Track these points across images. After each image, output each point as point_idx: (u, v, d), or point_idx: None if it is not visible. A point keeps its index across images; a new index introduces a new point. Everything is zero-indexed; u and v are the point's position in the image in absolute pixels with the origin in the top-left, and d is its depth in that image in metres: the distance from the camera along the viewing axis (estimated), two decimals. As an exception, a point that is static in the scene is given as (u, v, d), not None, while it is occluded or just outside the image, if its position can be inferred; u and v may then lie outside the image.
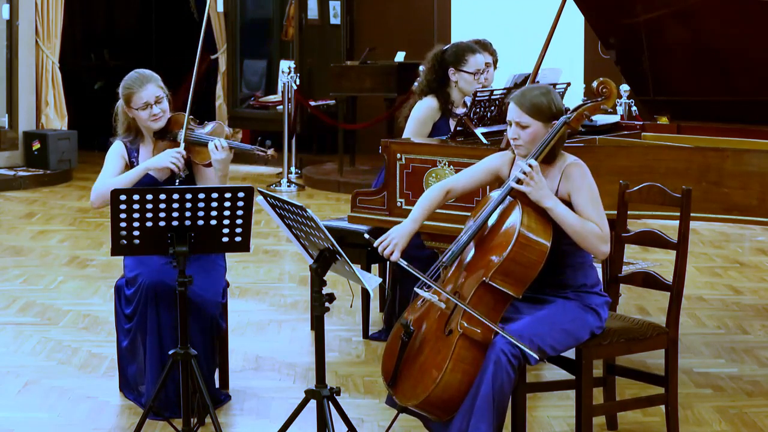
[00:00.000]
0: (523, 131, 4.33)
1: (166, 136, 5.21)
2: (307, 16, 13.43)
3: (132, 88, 5.15)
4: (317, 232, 4.16)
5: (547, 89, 4.38)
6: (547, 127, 4.31)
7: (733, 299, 7.10)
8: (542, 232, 4.21)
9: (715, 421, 5.01)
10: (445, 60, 6.19)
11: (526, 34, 7.54)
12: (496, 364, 4.10)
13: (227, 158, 5.05)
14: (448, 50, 6.23)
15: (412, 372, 4.27)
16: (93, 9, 16.50)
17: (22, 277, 7.66)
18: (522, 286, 4.21)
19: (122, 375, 5.27)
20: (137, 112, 5.16)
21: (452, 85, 6.18)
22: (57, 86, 12.45)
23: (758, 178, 5.25)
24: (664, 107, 6.42)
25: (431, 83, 6.19)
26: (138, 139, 5.27)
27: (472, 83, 6.14)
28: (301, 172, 12.16)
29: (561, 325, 4.27)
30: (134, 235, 4.37)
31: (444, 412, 4.20)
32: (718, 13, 5.87)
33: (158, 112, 5.15)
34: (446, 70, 6.17)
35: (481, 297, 4.20)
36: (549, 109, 4.31)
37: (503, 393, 4.12)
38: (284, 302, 7.05)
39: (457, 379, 4.15)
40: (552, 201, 4.24)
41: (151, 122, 5.16)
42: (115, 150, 5.25)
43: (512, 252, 4.16)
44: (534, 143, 4.32)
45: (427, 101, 6.16)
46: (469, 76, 6.14)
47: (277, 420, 4.66)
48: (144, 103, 5.13)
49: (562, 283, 4.37)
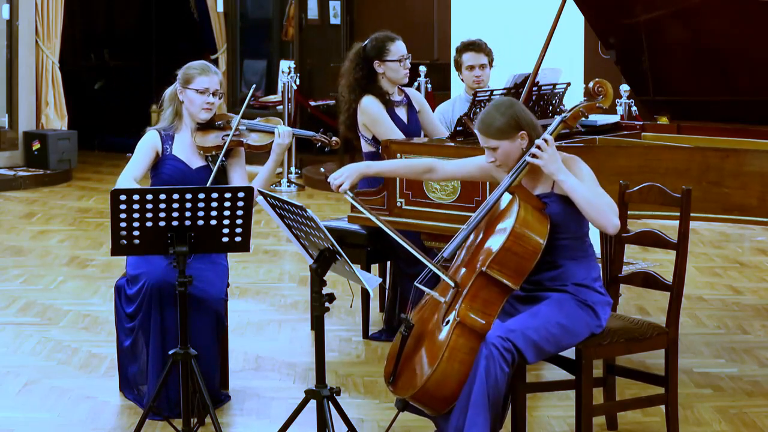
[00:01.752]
0: (495, 153, 4.40)
1: (214, 125, 5.26)
2: (307, 16, 13.43)
3: (198, 70, 5.23)
4: (317, 232, 4.16)
5: (506, 104, 4.41)
6: (514, 141, 4.34)
7: (733, 299, 7.10)
8: (538, 224, 4.26)
9: (715, 421, 5.01)
10: (367, 55, 6.23)
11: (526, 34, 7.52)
12: (487, 358, 4.13)
13: (288, 145, 5.21)
14: (367, 45, 6.28)
15: (410, 364, 4.29)
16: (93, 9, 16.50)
17: (22, 277, 7.66)
18: (519, 276, 4.24)
19: (122, 375, 5.27)
20: (193, 94, 5.19)
21: (380, 77, 6.22)
22: (57, 86, 12.45)
23: (758, 178, 5.25)
24: (664, 107, 6.42)
25: (360, 81, 6.24)
26: (174, 127, 5.28)
27: (398, 70, 6.22)
28: (301, 172, 12.16)
29: (556, 319, 4.28)
30: (134, 235, 4.37)
31: (441, 403, 4.20)
32: (718, 13, 5.88)
33: (213, 102, 5.20)
34: (371, 64, 6.21)
35: (480, 288, 4.23)
36: (510, 125, 4.34)
37: (498, 388, 4.13)
38: (284, 302, 7.05)
39: (454, 368, 4.16)
40: (564, 174, 4.27)
41: (203, 110, 5.20)
42: (148, 141, 5.25)
43: (508, 241, 4.21)
44: (510, 157, 4.37)
45: (367, 100, 6.20)
46: (394, 63, 6.21)
47: (277, 420, 4.66)
48: (204, 87, 5.18)
49: (562, 276, 4.38)
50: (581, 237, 4.40)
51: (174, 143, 5.25)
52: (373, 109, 6.17)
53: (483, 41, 6.66)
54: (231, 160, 5.28)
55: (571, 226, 4.36)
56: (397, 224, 5.66)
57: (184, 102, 5.24)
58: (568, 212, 4.32)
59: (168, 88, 5.31)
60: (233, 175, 5.27)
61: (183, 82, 5.23)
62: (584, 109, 4.43)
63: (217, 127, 5.26)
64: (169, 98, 5.30)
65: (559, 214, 4.32)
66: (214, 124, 5.26)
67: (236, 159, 5.29)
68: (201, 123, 5.23)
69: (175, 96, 5.27)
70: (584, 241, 4.42)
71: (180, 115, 5.27)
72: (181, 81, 5.24)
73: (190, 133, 5.25)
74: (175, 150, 5.23)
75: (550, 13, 5.77)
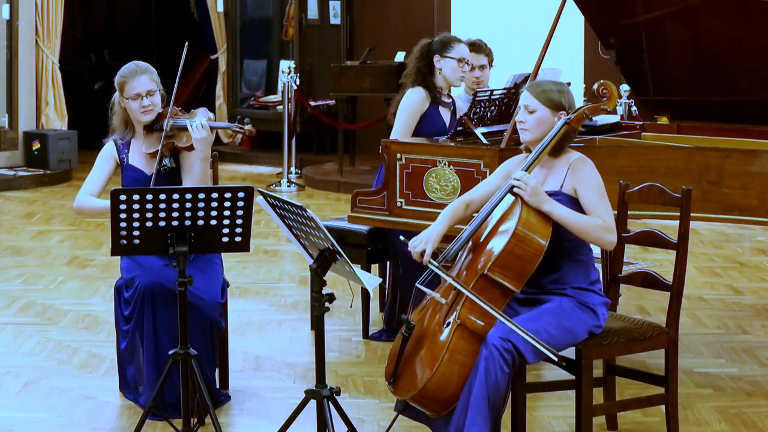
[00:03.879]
0: (530, 115, 4.42)
1: (154, 128, 5.22)
2: (307, 16, 13.43)
3: (126, 77, 5.18)
4: (317, 232, 4.16)
5: (562, 84, 4.51)
6: (553, 116, 4.38)
7: (733, 299, 7.10)
8: (541, 226, 4.25)
9: (715, 421, 5.01)
10: (432, 48, 6.27)
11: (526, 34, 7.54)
12: (487, 359, 4.12)
13: (208, 139, 5.05)
14: (435, 40, 6.34)
15: (411, 365, 4.29)
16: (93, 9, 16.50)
17: (22, 277, 7.66)
18: (520, 279, 4.23)
19: (122, 375, 5.27)
20: (128, 102, 5.18)
21: (437, 72, 6.24)
22: (57, 86, 12.45)
23: (758, 178, 5.25)
24: (664, 107, 6.42)
25: (419, 71, 6.25)
26: (129, 134, 5.28)
27: (456, 70, 6.23)
28: (301, 172, 12.16)
29: (557, 320, 4.28)
30: (134, 235, 4.37)
31: (441, 405, 4.20)
32: (718, 13, 5.88)
33: (148, 104, 5.16)
34: (432, 58, 6.23)
35: (481, 290, 4.22)
36: (559, 99, 4.41)
37: (498, 388, 4.13)
38: (284, 302, 7.05)
39: (454, 370, 4.16)
40: (550, 204, 4.28)
41: (141, 114, 5.17)
42: (106, 153, 5.28)
43: (510, 244, 4.20)
44: (539, 128, 4.40)
45: (416, 91, 6.21)
46: (453, 62, 6.22)
47: (277, 420, 4.66)
48: (135, 93, 5.14)
49: (562, 280, 4.38)
50: (583, 240, 4.40)
51: (130, 151, 5.26)
52: (413, 100, 6.19)
53: (483, 41, 6.67)
54: (182, 161, 5.23)
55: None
56: (398, 224, 5.67)
57: (126, 109, 5.23)
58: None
59: (114, 95, 5.25)
60: (184, 177, 5.20)
61: (118, 90, 5.20)
62: (588, 111, 4.42)
63: (159, 129, 5.19)
64: (117, 105, 5.27)
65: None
66: (156, 126, 5.20)
67: (185, 159, 5.23)
68: (148, 125, 5.22)
69: (119, 104, 5.26)
70: (585, 245, 4.42)
71: (129, 121, 5.27)
72: (118, 89, 5.21)
73: (142, 138, 5.25)
74: (131, 159, 5.24)
75: (550, 13, 5.77)
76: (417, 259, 4.39)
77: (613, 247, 4.36)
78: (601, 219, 4.29)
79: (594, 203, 4.32)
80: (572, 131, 4.41)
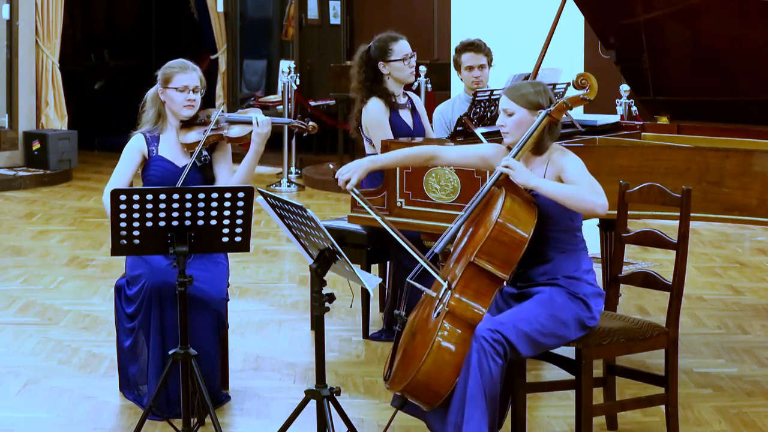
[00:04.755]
0: (509, 118, 4.43)
1: (197, 121, 5.26)
2: (307, 16, 13.44)
3: (175, 69, 5.23)
4: (317, 232, 4.16)
5: (539, 83, 4.52)
6: (532, 116, 4.39)
7: (733, 299, 7.10)
8: (524, 213, 4.27)
9: (715, 421, 5.01)
10: (371, 57, 6.24)
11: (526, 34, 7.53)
12: (479, 352, 4.13)
13: (267, 134, 5.23)
14: (371, 47, 6.28)
15: (404, 358, 4.31)
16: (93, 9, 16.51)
17: (22, 277, 7.66)
18: (508, 266, 4.25)
19: (123, 375, 5.27)
20: (173, 93, 5.19)
21: (385, 78, 6.21)
22: (57, 86, 12.46)
23: (758, 178, 5.25)
24: (664, 107, 6.42)
25: (365, 83, 6.24)
26: (159, 128, 5.29)
27: (404, 69, 6.22)
28: (301, 172, 12.17)
29: (547, 310, 4.29)
30: (134, 235, 4.37)
31: (433, 395, 4.20)
32: (718, 13, 5.88)
33: (194, 98, 5.21)
34: (376, 66, 6.21)
35: (470, 279, 4.24)
36: (536, 98, 4.41)
37: (493, 381, 4.14)
38: (284, 302, 7.05)
39: (444, 358, 4.17)
40: (536, 180, 4.29)
41: (184, 107, 5.21)
42: (134, 145, 5.27)
43: (494, 231, 4.22)
44: (519, 130, 4.41)
45: (372, 104, 6.19)
46: (399, 63, 6.20)
47: (277, 420, 4.66)
48: (184, 85, 5.19)
49: (552, 271, 4.39)
50: (572, 230, 4.41)
51: (160, 144, 5.26)
52: (374, 113, 6.17)
53: (482, 41, 6.66)
54: (216, 155, 5.30)
55: (563, 219, 4.35)
56: (398, 224, 5.65)
57: (165, 102, 5.25)
58: (560, 205, 4.31)
59: (149, 90, 5.32)
60: (218, 170, 5.29)
61: (163, 81, 5.24)
62: (569, 102, 4.44)
63: (199, 123, 5.27)
64: (152, 100, 5.31)
65: (552, 206, 4.32)
66: (196, 120, 5.28)
67: (221, 153, 5.31)
68: (184, 120, 5.25)
69: (156, 97, 5.28)
70: (575, 235, 4.42)
71: (164, 115, 5.29)
72: (161, 81, 5.25)
73: (175, 132, 5.26)
74: (162, 150, 5.25)
75: (550, 13, 5.77)
76: (342, 187, 4.49)
77: (605, 211, 4.28)
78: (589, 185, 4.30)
79: (579, 181, 4.31)
80: (554, 123, 4.41)
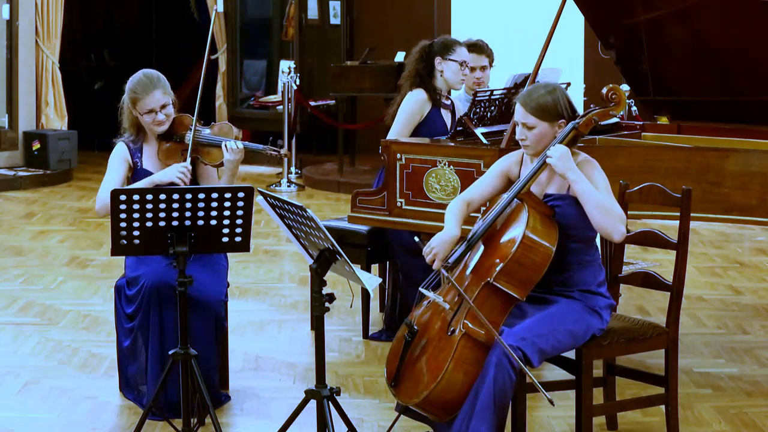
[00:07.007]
0: (530, 132, 4.35)
1: (172, 138, 5.21)
2: (307, 16, 13.42)
3: (138, 93, 5.14)
4: (317, 232, 4.16)
5: (553, 87, 4.40)
6: (553, 127, 4.33)
7: (733, 299, 7.10)
8: (547, 235, 4.21)
9: (715, 421, 5.01)
10: (433, 50, 6.24)
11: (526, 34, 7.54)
12: (497, 366, 4.10)
13: (239, 159, 5.08)
14: (434, 42, 6.29)
15: (414, 371, 4.28)
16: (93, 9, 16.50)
17: (22, 277, 7.66)
18: (526, 288, 4.21)
19: (122, 375, 5.27)
20: (141, 116, 5.17)
21: (437, 74, 6.22)
22: (57, 86, 12.45)
23: (758, 178, 5.26)
24: (664, 107, 6.42)
25: (418, 72, 6.22)
26: (141, 137, 5.27)
27: (457, 73, 6.20)
28: (301, 172, 12.16)
29: (564, 325, 4.27)
30: (134, 235, 4.37)
31: (444, 411, 4.20)
32: (718, 13, 5.88)
33: (162, 119, 5.16)
34: (433, 59, 6.21)
35: (486, 298, 4.20)
36: (555, 108, 4.33)
37: (505, 395, 4.12)
38: (284, 302, 7.05)
39: (458, 379, 4.15)
40: (576, 174, 4.23)
41: (155, 127, 5.17)
42: (118, 154, 5.25)
43: (517, 253, 4.17)
44: (541, 143, 4.34)
45: (416, 93, 6.19)
46: (455, 65, 6.19)
47: (277, 420, 4.66)
48: (149, 109, 5.14)
49: (569, 281, 4.37)
50: (590, 240, 4.38)
51: (143, 156, 5.25)
52: (413, 101, 6.16)
53: (485, 42, 6.66)
54: (199, 171, 5.26)
55: (583, 230, 4.32)
56: (398, 224, 5.67)
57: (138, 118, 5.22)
58: (582, 215, 4.27)
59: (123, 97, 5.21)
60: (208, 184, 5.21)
61: (130, 102, 5.18)
62: (597, 117, 4.37)
63: (175, 141, 5.20)
64: (127, 110, 5.24)
65: (573, 217, 4.29)
66: (173, 136, 5.21)
67: (204, 170, 5.26)
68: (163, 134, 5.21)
69: (129, 110, 5.23)
70: (592, 245, 4.40)
71: (142, 129, 5.25)
72: (129, 101, 5.18)
73: (156, 145, 5.24)
74: (146, 164, 5.23)
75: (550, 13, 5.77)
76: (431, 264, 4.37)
77: (621, 239, 4.27)
78: None
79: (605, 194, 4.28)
80: (580, 135, 4.38)
